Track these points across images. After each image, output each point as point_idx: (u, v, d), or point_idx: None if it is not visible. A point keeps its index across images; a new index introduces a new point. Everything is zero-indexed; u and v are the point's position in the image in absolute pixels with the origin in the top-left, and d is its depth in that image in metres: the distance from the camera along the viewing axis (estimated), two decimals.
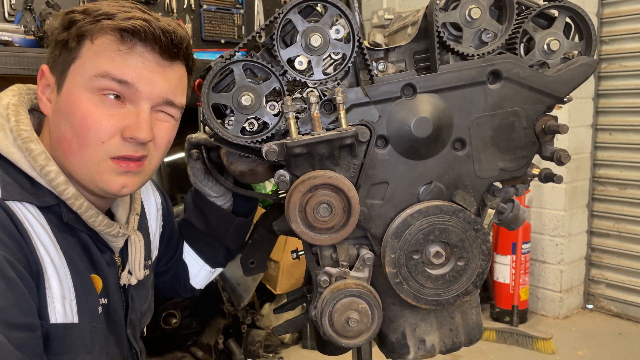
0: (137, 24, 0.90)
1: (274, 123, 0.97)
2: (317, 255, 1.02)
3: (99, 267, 1.02)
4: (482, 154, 1.02)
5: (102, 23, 0.91)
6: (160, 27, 0.92)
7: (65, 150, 0.94)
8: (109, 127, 0.91)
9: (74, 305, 0.93)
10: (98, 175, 0.94)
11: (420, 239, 0.98)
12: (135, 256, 1.09)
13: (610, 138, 3.53)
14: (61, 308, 0.91)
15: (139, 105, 0.93)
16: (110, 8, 0.93)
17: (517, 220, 1.12)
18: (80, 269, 0.96)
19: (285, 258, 2.93)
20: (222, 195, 1.26)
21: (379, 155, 0.98)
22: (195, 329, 2.80)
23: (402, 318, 1.07)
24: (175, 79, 0.98)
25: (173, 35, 0.93)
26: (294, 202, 0.92)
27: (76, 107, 0.91)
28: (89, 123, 0.90)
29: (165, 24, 0.94)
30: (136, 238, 1.10)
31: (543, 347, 3.04)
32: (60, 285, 0.91)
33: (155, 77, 0.94)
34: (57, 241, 0.93)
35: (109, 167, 0.93)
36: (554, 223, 3.47)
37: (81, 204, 0.96)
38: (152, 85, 0.93)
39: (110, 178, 0.94)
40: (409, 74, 0.99)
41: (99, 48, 0.91)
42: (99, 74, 0.90)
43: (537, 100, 1.02)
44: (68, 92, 0.92)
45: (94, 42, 0.91)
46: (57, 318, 0.91)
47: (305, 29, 0.94)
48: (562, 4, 1.02)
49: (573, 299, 3.59)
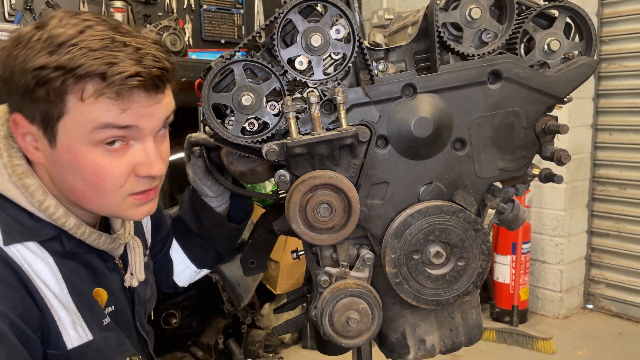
0: (133, 83, 0.84)
1: (274, 123, 0.97)
2: (317, 255, 1.02)
3: (102, 279, 1.04)
4: (482, 154, 1.02)
5: (89, 85, 0.83)
6: (155, 74, 0.86)
7: (80, 198, 0.94)
8: (122, 172, 0.91)
9: (84, 325, 0.96)
10: (122, 212, 0.96)
11: (420, 239, 0.98)
12: (135, 260, 1.11)
13: (610, 138, 3.53)
14: (74, 333, 0.94)
15: (144, 141, 0.92)
16: (90, 61, 0.82)
17: (517, 220, 1.12)
18: (81, 290, 0.98)
19: (285, 258, 2.93)
20: (219, 196, 1.26)
21: (379, 155, 0.99)
22: (195, 329, 2.80)
23: (402, 318, 1.07)
24: (167, 97, 0.95)
25: (166, 73, 0.89)
26: (294, 202, 0.92)
27: (83, 163, 0.88)
28: (102, 175, 0.89)
29: (154, 61, 0.87)
30: (134, 243, 1.12)
31: (543, 347, 3.04)
32: (67, 312, 0.94)
33: (152, 110, 0.90)
34: (59, 269, 0.94)
35: (130, 203, 0.95)
36: (554, 223, 3.47)
37: (83, 232, 0.97)
38: (152, 119, 0.91)
39: (135, 211, 0.97)
40: (409, 74, 0.99)
41: (92, 105, 0.84)
42: (99, 127, 0.86)
43: (537, 100, 1.02)
44: (67, 148, 0.88)
45: (84, 102, 0.84)
46: (74, 342, 0.94)
47: (306, 29, 0.94)
48: (562, 4, 1.02)
49: (573, 299, 3.59)
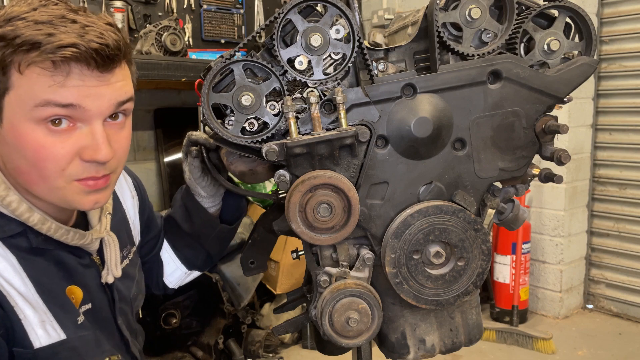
0: (66, 53, 0.81)
1: (274, 123, 0.97)
2: (317, 255, 1.02)
3: (76, 276, 1.01)
4: (482, 154, 1.02)
5: (26, 56, 0.82)
6: (93, 48, 0.83)
7: (26, 181, 0.91)
8: (65, 154, 0.87)
9: (55, 325, 0.94)
10: (68, 197, 0.92)
11: (420, 239, 0.99)
12: (110, 256, 1.08)
13: (610, 138, 3.53)
14: (43, 332, 0.92)
15: (91, 123, 0.89)
16: (29, 31, 0.81)
17: (517, 220, 1.12)
18: (52, 289, 0.96)
19: (285, 258, 2.93)
20: (212, 196, 1.26)
21: (379, 155, 0.99)
22: (195, 329, 2.80)
23: (402, 318, 1.07)
24: (120, 81, 0.92)
25: (107, 49, 0.86)
26: (294, 202, 0.92)
27: (25, 141, 0.86)
28: (43, 155, 0.86)
29: (96, 36, 0.85)
30: (109, 239, 1.09)
31: (543, 347, 3.04)
32: (35, 311, 0.92)
33: (99, 91, 0.87)
34: (23, 268, 0.92)
35: (76, 188, 0.91)
36: (554, 223, 3.47)
37: (49, 227, 0.94)
38: (98, 99, 0.88)
39: (81, 198, 0.93)
40: (409, 74, 0.99)
41: (30, 78, 0.83)
42: (40, 104, 0.84)
43: (537, 100, 1.02)
44: (11, 125, 0.86)
45: (23, 74, 0.83)
46: (42, 342, 0.92)
47: (306, 29, 0.94)
48: (562, 4, 1.02)
49: (573, 299, 3.59)
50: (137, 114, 3.31)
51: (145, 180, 1.55)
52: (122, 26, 2.85)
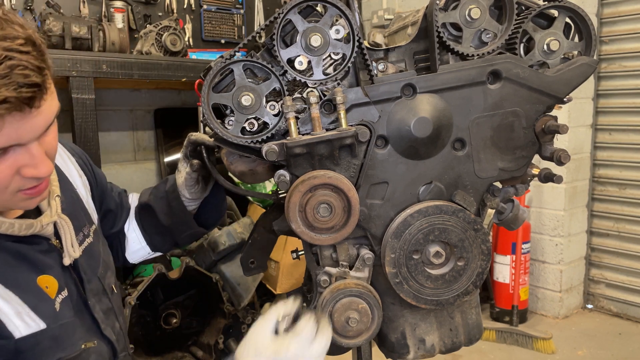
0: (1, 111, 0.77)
1: (274, 123, 0.97)
2: (317, 255, 1.03)
3: (41, 265, 1.01)
4: (482, 154, 1.02)
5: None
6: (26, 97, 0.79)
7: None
8: (5, 177, 0.86)
9: (32, 315, 0.94)
10: (13, 205, 0.93)
11: (420, 239, 0.99)
12: (66, 238, 1.06)
13: (610, 138, 3.53)
14: (21, 322, 0.92)
15: (28, 147, 0.86)
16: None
17: (517, 220, 1.12)
18: (21, 282, 0.96)
19: (285, 258, 2.92)
20: (196, 200, 1.31)
21: (379, 155, 0.99)
22: (195, 329, 2.80)
23: (402, 318, 1.07)
24: (49, 105, 0.87)
25: (38, 88, 0.81)
26: (294, 202, 0.93)
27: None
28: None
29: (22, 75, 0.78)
30: (62, 221, 1.07)
31: (543, 347, 3.04)
32: (8, 303, 0.92)
33: (33, 123, 0.84)
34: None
35: (20, 197, 0.92)
36: (554, 223, 3.47)
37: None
38: (33, 130, 0.85)
39: (26, 203, 0.94)
40: (409, 74, 0.99)
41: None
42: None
43: (536, 100, 1.02)
44: None
45: None
46: (22, 332, 0.92)
47: (305, 29, 0.95)
48: (562, 4, 1.02)
49: (573, 298, 3.59)
50: (136, 114, 3.32)
51: (145, 180, 1.56)
52: (122, 26, 2.85)
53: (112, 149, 3.13)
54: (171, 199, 1.30)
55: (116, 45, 2.58)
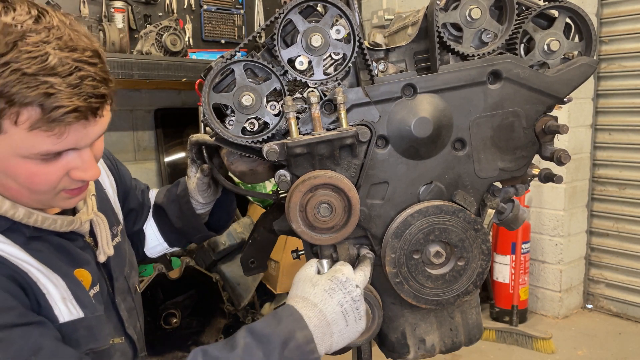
0: (70, 119, 0.81)
1: (275, 123, 0.97)
2: (317, 255, 1.03)
3: (79, 260, 1.03)
4: (482, 154, 1.02)
5: (24, 114, 0.79)
6: (93, 107, 0.83)
7: (14, 195, 0.92)
8: (56, 178, 0.89)
9: (74, 302, 0.97)
10: (54, 203, 0.96)
11: (420, 239, 0.99)
12: (101, 235, 1.10)
13: (609, 138, 3.53)
14: (65, 308, 0.94)
15: (81, 151, 0.90)
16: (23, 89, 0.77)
17: (517, 220, 1.12)
18: (64, 271, 0.98)
19: (285, 258, 2.93)
20: (208, 204, 1.33)
21: (379, 155, 0.99)
22: (195, 329, 2.80)
23: (402, 318, 1.07)
24: (106, 117, 0.91)
25: (102, 100, 0.86)
26: (295, 202, 0.93)
27: (16, 172, 0.87)
28: (36, 181, 0.88)
29: (91, 87, 0.82)
30: (98, 219, 1.10)
31: (543, 347, 3.04)
32: (57, 288, 0.94)
33: (90, 132, 0.88)
34: (31, 255, 0.93)
35: (61, 197, 0.95)
36: (554, 223, 3.47)
37: (35, 220, 0.95)
38: (89, 137, 0.89)
39: (65, 202, 0.97)
40: (409, 74, 0.99)
41: (28, 134, 0.81)
42: (39, 153, 0.84)
43: (537, 100, 1.02)
44: (1, 158, 0.85)
45: (18, 126, 0.80)
46: (65, 317, 0.94)
47: (306, 29, 0.95)
48: (562, 5, 1.02)
49: (572, 298, 3.59)
50: (137, 114, 3.32)
51: (145, 180, 1.56)
52: (122, 26, 2.85)
53: (112, 149, 3.13)
54: (182, 204, 1.31)
55: (116, 45, 2.58)
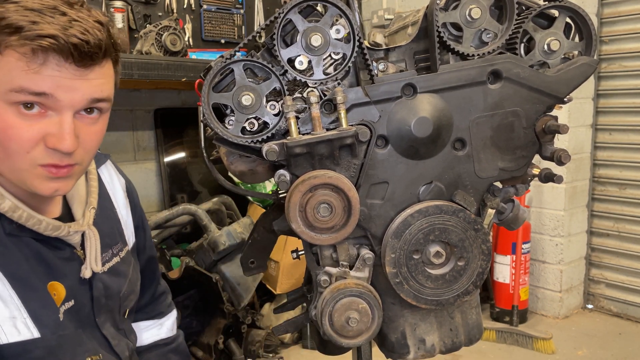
0: (44, 43, 0.83)
1: (274, 123, 0.97)
2: (317, 255, 1.03)
3: (57, 272, 1.00)
4: (482, 154, 1.02)
5: (7, 38, 0.84)
6: (72, 42, 0.85)
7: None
8: (30, 137, 0.88)
9: (29, 322, 0.93)
10: (29, 180, 0.93)
11: (420, 239, 0.99)
12: (90, 250, 1.07)
13: (610, 138, 3.53)
14: (11, 328, 0.91)
15: (61, 113, 0.89)
16: (16, 16, 0.84)
17: (517, 220, 1.12)
18: (32, 285, 0.95)
19: (285, 258, 2.92)
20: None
21: (379, 155, 0.99)
22: (195, 329, 2.80)
23: (402, 318, 1.07)
24: (98, 79, 0.92)
25: (87, 45, 0.86)
26: (294, 201, 0.93)
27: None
28: (9, 134, 0.87)
29: (79, 31, 0.86)
30: (90, 233, 1.07)
31: (543, 347, 3.03)
32: (6, 306, 0.91)
33: (74, 84, 0.88)
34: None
35: (38, 173, 0.92)
36: (554, 223, 3.46)
37: (20, 215, 0.93)
38: (72, 92, 0.88)
39: (41, 183, 0.93)
40: (409, 73, 0.99)
41: (8, 62, 0.85)
42: (14, 89, 0.85)
43: (537, 100, 1.02)
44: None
45: (2, 54, 0.85)
46: (9, 338, 0.91)
47: (306, 29, 0.95)
48: (562, 4, 1.02)
49: (573, 298, 3.59)
50: (136, 113, 3.32)
51: (145, 180, 1.55)
52: (122, 26, 2.85)
53: (112, 149, 3.13)
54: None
55: None
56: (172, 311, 1.44)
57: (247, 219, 2.93)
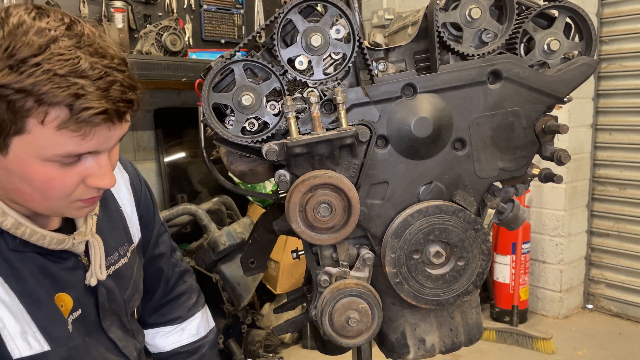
0: (98, 120, 0.81)
1: (275, 123, 0.97)
2: (317, 255, 1.03)
3: (62, 283, 1.00)
4: (482, 154, 1.02)
5: (52, 114, 0.79)
6: (121, 111, 0.84)
7: (26, 200, 0.91)
8: (72, 183, 0.89)
9: (39, 336, 0.94)
10: (66, 212, 0.95)
11: (420, 239, 0.99)
12: (95, 259, 1.06)
13: (610, 138, 3.53)
14: (23, 342, 0.92)
15: (99, 157, 0.90)
16: (53, 89, 0.78)
17: (517, 220, 1.12)
18: (39, 299, 0.95)
19: (285, 258, 2.92)
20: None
21: (379, 155, 0.99)
22: None
23: (402, 318, 1.07)
24: (128, 122, 0.92)
25: (130, 105, 0.86)
26: (294, 201, 0.92)
27: (34, 174, 0.86)
28: (52, 185, 0.87)
29: (120, 91, 0.84)
30: (94, 241, 1.07)
31: (543, 347, 3.03)
32: (17, 321, 0.92)
33: (112, 135, 0.88)
34: (5, 280, 0.91)
35: (77, 205, 0.93)
36: (554, 223, 3.46)
37: (23, 232, 0.93)
38: (109, 142, 0.89)
39: (77, 213, 0.96)
40: (409, 74, 0.99)
41: (54, 133, 0.81)
42: (61, 155, 0.84)
43: (537, 100, 1.02)
44: (19, 160, 0.85)
45: (44, 126, 0.80)
46: (22, 352, 0.92)
47: (306, 29, 0.95)
48: (562, 4, 1.02)
49: (573, 298, 3.59)
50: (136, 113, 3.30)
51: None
52: (122, 26, 2.85)
53: None
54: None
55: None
56: (195, 313, 1.42)
57: (247, 219, 2.93)
